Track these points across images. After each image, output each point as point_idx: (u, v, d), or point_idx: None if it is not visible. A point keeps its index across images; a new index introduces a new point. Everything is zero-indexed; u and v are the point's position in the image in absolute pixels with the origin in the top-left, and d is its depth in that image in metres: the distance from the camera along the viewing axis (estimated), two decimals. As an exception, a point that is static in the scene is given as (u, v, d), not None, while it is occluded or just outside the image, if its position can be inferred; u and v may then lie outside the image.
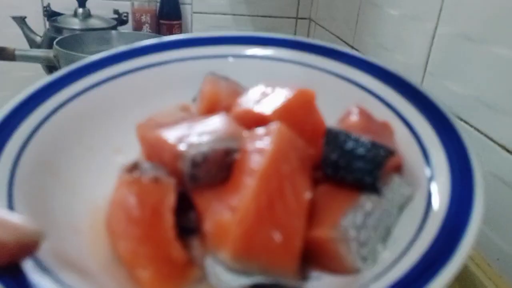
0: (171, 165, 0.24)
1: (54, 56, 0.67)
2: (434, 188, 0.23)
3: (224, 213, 0.22)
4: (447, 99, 0.43)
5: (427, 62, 0.46)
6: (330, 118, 0.27)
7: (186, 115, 0.30)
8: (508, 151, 0.35)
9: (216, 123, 0.25)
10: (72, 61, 0.63)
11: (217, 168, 0.23)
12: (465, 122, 0.40)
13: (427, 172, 0.24)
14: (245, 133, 0.24)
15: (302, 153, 0.24)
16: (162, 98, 0.32)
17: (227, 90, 0.30)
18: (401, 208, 0.24)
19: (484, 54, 0.37)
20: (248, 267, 0.21)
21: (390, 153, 0.23)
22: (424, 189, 0.23)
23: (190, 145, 0.23)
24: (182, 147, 0.23)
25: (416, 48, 0.48)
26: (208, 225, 0.22)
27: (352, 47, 0.68)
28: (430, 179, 0.23)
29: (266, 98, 0.27)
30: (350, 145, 0.23)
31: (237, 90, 0.30)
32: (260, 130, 0.24)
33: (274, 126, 0.23)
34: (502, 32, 0.35)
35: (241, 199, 0.21)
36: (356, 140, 0.23)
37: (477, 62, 0.38)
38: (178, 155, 0.23)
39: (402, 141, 0.26)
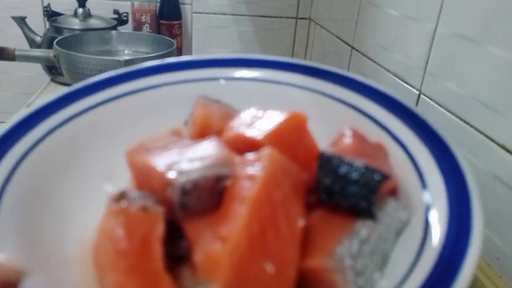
0: (160, 193, 0.23)
1: (54, 56, 0.67)
2: (432, 214, 0.22)
3: (214, 243, 0.21)
4: (447, 99, 0.43)
5: (427, 62, 0.46)
6: (324, 140, 0.27)
7: (177, 139, 0.29)
8: (508, 151, 0.35)
9: (207, 148, 0.25)
10: (72, 61, 0.63)
11: (208, 196, 0.23)
12: (465, 122, 0.40)
13: (424, 196, 0.23)
14: (237, 158, 0.24)
15: (295, 179, 0.23)
16: (154, 122, 0.32)
17: (219, 113, 0.29)
18: (398, 233, 0.23)
19: (484, 54, 0.37)
20: None
21: (385, 177, 0.23)
22: (421, 215, 0.22)
23: (180, 173, 0.23)
24: (171, 174, 0.22)
25: (416, 48, 0.48)
26: (198, 256, 0.22)
27: (352, 47, 0.68)
28: (427, 204, 0.23)
29: (258, 122, 0.26)
30: (343, 169, 0.23)
31: (229, 113, 0.30)
32: (251, 156, 0.23)
33: (266, 151, 0.23)
34: (502, 32, 0.35)
35: (232, 229, 0.21)
36: (350, 165, 0.23)
37: (477, 62, 0.38)
38: (167, 183, 0.22)
39: (397, 163, 0.26)
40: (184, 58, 0.37)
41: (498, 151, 0.35)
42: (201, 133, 0.28)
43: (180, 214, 0.23)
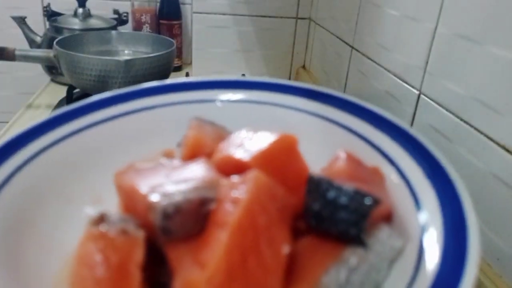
0: (144, 216, 0.22)
1: (54, 56, 0.67)
2: (426, 241, 0.21)
3: (193, 270, 0.20)
4: (447, 99, 0.43)
5: (427, 62, 0.46)
6: (318, 163, 0.26)
7: (167, 161, 0.28)
8: (508, 151, 0.35)
9: (194, 170, 0.24)
10: (72, 61, 0.63)
11: (193, 220, 0.22)
12: (465, 122, 0.40)
13: (419, 223, 0.22)
14: (223, 181, 0.23)
15: (282, 203, 0.22)
16: (146, 144, 0.31)
17: (212, 135, 0.29)
18: (392, 261, 0.22)
19: (484, 54, 0.37)
20: None
21: (376, 202, 0.21)
22: (416, 243, 0.21)
23: (162, 195, 0.22)
24: (153, 197, 0.22)
25: (416, 48, 0.48)
26: (177, 282, 0.21)
27: (352, 47, 0.68)
28: (422, 231, 0.22)
29: (247, 143, 0.25)
30: (332, 194, 0.22)
31: (223, 135, 0.29)
32: (236, 178, 0.22)
33: (251, 174, 0.22)
34: (502, 32, 0.35)
35: (211, 255, 0.20)
36: (339, 189, 0.22)
37: (477, 62, 0.38)
38: (149, 207, 0.22)
39: (394, 187, 0.25)
40: (180, 79, 0.36)
41: (498, 151, 0.35)
42: (192, 155, 0.27)
43: (163, 239, 0.22)
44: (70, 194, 0.28)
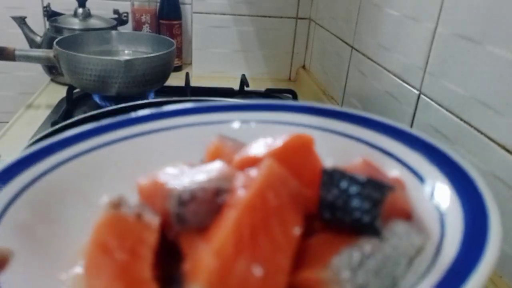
0: (162, 208, 0.23)
1: (54, 56, 0.67)
2: (445, 239, 0.21)
3: (203, 249, 0.20)
4: (447, 99, 0.43)
5: (427, 62, 0.46)
6: None
7: (188, 166, 0.29)
8: (508, 151, 0.35)
9: (212, 167, 0.25)
10: (72, 61, 0.63)
11: (206, 210, 0.22)
12: (465, 122, 0.40)
13: (439, 231, 0.22)
14: (238, 174, 0.23)
15: (295, 191, 0.22)
16: (169, 162, 0.32)
17: (233, 148, 0.29)
18: (411, 259, 0.21)
19: (484, 54, 0.37)
20: None
21: (389, 188, 0.21)
22: (434, 241, 0.21)
23: (179, 184, 0.22)
24: (170, 185, 0.22)
25: (416, 48, 0.48)
26: (187, 264, 0.21)
27: (352, 47, 0.68)
28: (441, 238, 0.21)
29: (265, 145, 0.26)
30: (345, 183, 0.22)
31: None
32: (251, 170, 0.23)
33: (264, 162, 0.22)
34: (502, 32, 0.35)
35: (220, 230, 0.20)
36: (351, 178, 0.22)
37: (476, 62, 0.38)
38: (166, 194, 0.22)
39: (416, 198, 0.25)
40: (203, 104, 0.38)
41: (498, 151, 0.35)
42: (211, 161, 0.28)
43: (177, 228, 0.22)
44: (91, 199, 0.29)
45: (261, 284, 0.19)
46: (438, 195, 0.24)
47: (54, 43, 0.67)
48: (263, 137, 0.28)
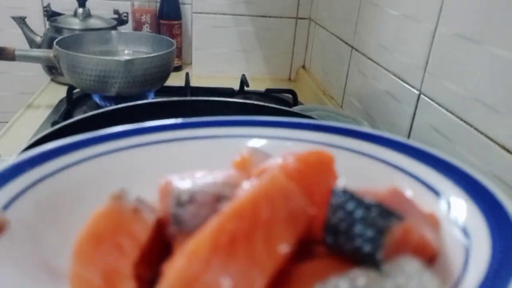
0: (164, 208, 0.22)
1: (54, 56, 0.67)
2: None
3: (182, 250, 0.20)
4: (447, 99, 0.43)
5: (427, 62, 0.46)
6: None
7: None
8: (508, 151, 0.35)
9: (223, 173, 0.24)
10: (72, 61, 0.63)
11: (205, 214, 0.21)
12: (465, 122, 0.40)
13: (460, 272, 0.20)
14: (244, 182, 0.22)
15: (296, 208, 0.21)
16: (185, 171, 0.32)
17: (261, 160, 0.28)
18: None
19: (484, 54, 0.37)
20: None
21: (399, 219, 0.19)
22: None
23: (182, 183, 0.22)
24: (174, 184, 0.22)
25: (416, 48, 0.48)
26: (166, 265, 0.20)
27: (352, 47, 0.68)
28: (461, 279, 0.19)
29: (286, 159, 0.25)
30: (351, 205, 0.20)
31: None
32: (256, 179, 0.22)
33: (270, 172, 0.21)
34: (502, 32, 0.35)
35: (200, 233, 0.19)
36: (359, 200, 0.20)
37: (477, 62, 0.38)
38: (168, 193, 0.22)
39: (449, 239, 0.22)
40: (221, 118, 0.37)
41: (498, 151, 0.35)
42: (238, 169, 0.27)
43: (174, 229, 0.21)
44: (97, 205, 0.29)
45: None
46: (467, 231, 0.22)
47: (54, 43, 0.67)
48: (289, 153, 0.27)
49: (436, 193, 0.26)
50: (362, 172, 0.29)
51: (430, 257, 0.22)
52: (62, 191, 0.28)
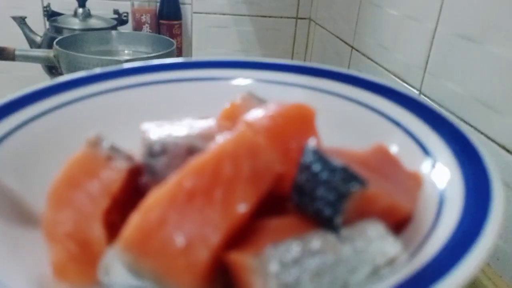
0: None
1: (54, 56, 0.67)
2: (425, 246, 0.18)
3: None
4: (446, 99, 0.43)
5: (427, 62, 0.46)
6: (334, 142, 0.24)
7: (190, 119, 0.29)
8: (508, 151, 0.34)
9: (200, 123, 0.23)
10: (72, 61, 0.63)
11: (178, 166, 0.21)
12: (465, 122, 0.40)
13: (432, 223, 0.20)
14: (218, 135, 0.22)
15: (263, 166, 0.20)
16: (190, 112, 0.31)
17: (255, 107, 0.27)
18: (377, 269, 0.18)
19: (484, 54, 0.37)
20: (141, 268, 0.18)
21: (362, 185, 0.18)
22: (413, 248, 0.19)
23: (155, 134, 0.21)
24: (147, 134, 0.22)
25: (416, 48, 0.48)
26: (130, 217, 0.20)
27: (352, 47, 0.68)
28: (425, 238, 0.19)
29: (268, 111, 0.24)
30: (318, 166, 0.19)
31: None
32: (228, 133, 0.21)
33: (239, 128, 0.21)
34: (502, 32, 0.35)
35: (157, 189, 0.19)
36: (326, 162, 0.19)
37: (477, 62, 0.38)
38: (142, 143, 0.22)
39: (427, 200, 0.22)
40: (204, 58, 0.37)
41: (498, 151, 0.35)
42: (225, 120, 0.27)
43: (147, 179, 0.21)
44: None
45: (180, 256, 0.18)
46: (444, 195, 0.21)
47: (54, 43, 0.67)
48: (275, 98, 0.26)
49: (424, 149, 0.25)
50: (352, 120, 0.29)
51: (401, 219, 0.21)
52: (41, 137, 0.28)
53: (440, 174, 0.22)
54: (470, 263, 0.16)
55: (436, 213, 0.20)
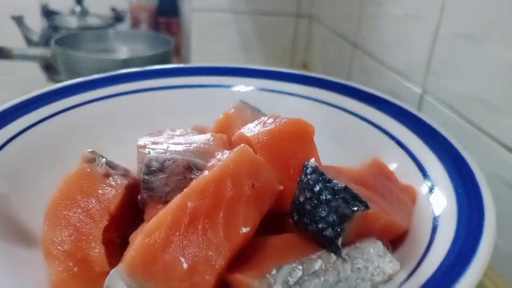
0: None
1: (52, 55, 0.67)
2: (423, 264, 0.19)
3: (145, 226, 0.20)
4: (449, 98, 0.42)
5: (429, 61, 0.46)
6: (332, 159, 0.24)
7: (192, 131, 0.28)
8: (510, 150, 0.34)
9: (198, 139, 0.24)
10: (69, 59, 0.63)
11: (175, 183, 0.21)
12: (468, 121, 0.39)
13: (426, 245, 0.20)
14: (217, 153, 0.22)
15: (264, 185, 0.20)
16: (185, 119, 0.31)
17: (248, 118, 0.28)
18: (376, 286, 0.19)
19: (487, 53, 0.37)
20: None
21: (365, 207, 0.19)
22: (411, 267, 0.19)
23: (154, 150, 0.22)
24: (146, 150, 0.22)
25: (418, 47, 0.48)
26: (132, 236, 0.21)
27: (354, 46, 0.68)
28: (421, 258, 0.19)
29: (266, 125, 0.24)
30: (319, 186, 0.19)
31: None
32: (227, 151, 0.22)
33: (238, 147, 0.21)
34: (504, 31, 0.35)
35: (162, 211, 0.19)
36: (327, 182, 0.19)
37: (479, 61, 0.38)
38: (140, 158, 0.22)
39: (421, 214, 0.22)
40: (203, 65, 0.37)
41: (500, 150, 0.35)
42: (220, 131, 0.27)
43: (145, 195, 0.21)
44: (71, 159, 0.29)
45: (185, 279, 0.18)
46: (436, 202, 0.22)
47: (52, 41, 0.67)
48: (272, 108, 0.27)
49: (420, 167, 0.25)
50: (350, 133, 0.29)
51: (398, 235, 0.22)
52: (34, 146, 0.28)
53: (435, 194, 0.23)
54: (467, 281, 0.16)
55: (431, 233, 0.20)
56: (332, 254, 0.19)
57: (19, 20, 0.80)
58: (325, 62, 0.83)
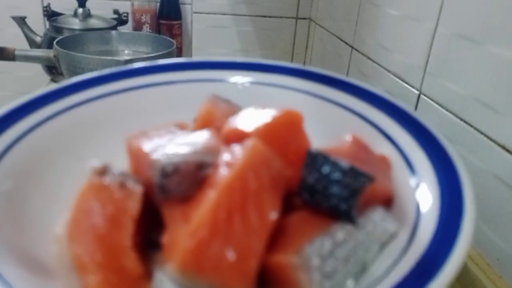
0: (146, 177, 0.23)
1: (54, 56, 0.67)
2: (420, 227, 0.21)
3: (181, 225, 0.21)
4: (447, 99, 0.43)
5: (427, 62, 0.46)
6: (322, 142, 0.26)
7: (176, 129, 0.29)
8: (508, 151, 0.34)
9: (198, 137, 0.25)
10: (72, 61, 0.63)
11: (189, 181, 0.22)
12: (465, 122, 0.40)
13: (417, 211, 0.23)
14: (223, 148, 0.24)
15: (276, 173, 0.22)
16: (162, 117, 0.31)
17: (225, 111, 0.29)
18: (383, 245, 0.22)
19: (484, 54, 0.37)
20: (197, 284, 0.20)
21: (370, 180, 0.22)
22: (410, 228, 0.22)
23: (163, 155, 0.23)
24: (155, 156, 0.23)
25: (416, 48, 0.48)
26: (165, 238, 0.22)
27: (352, 47, 0.68)
28: (417, 218, 0.22)
29: (255, 118, 0.26)
30: (327, 168, 0.22)
31: (235, 112, 0.30)
32: (236, 146, 0.23)
33: (249, 141, 0.22)
34: (502, 32, 0.35)
35: (198, 211, 0.21)
36: (334, 164, 0.22)
37: (477, 62, 0.38)
38: (150, 164, 0.23)
39: (399, 177, 0.25)
40: (195, 59, 0.38)
41: (498, 151, 0.35)
42: (203, 127, 0.28)
43: (160, 197, 0.22)
44: (81, 155, 0.29)
45: (233, 267, 0.20)
46: (420, 180, 0.24)
47: (54, 43, 0.67)
48: (249, 100, 0.28)
49: (408, 163, 0.27)
50: (343, 128, 0.31)
51: (387, 200, 0.25)
52: (39, 149, 0.28)
53: (421, 190, 0.25)
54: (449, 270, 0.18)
55: (412, 228, 0.22)
56: (347, 224, 0.22)
57: (21, 21, 0.80)
58: (324, 64, 0.84)
